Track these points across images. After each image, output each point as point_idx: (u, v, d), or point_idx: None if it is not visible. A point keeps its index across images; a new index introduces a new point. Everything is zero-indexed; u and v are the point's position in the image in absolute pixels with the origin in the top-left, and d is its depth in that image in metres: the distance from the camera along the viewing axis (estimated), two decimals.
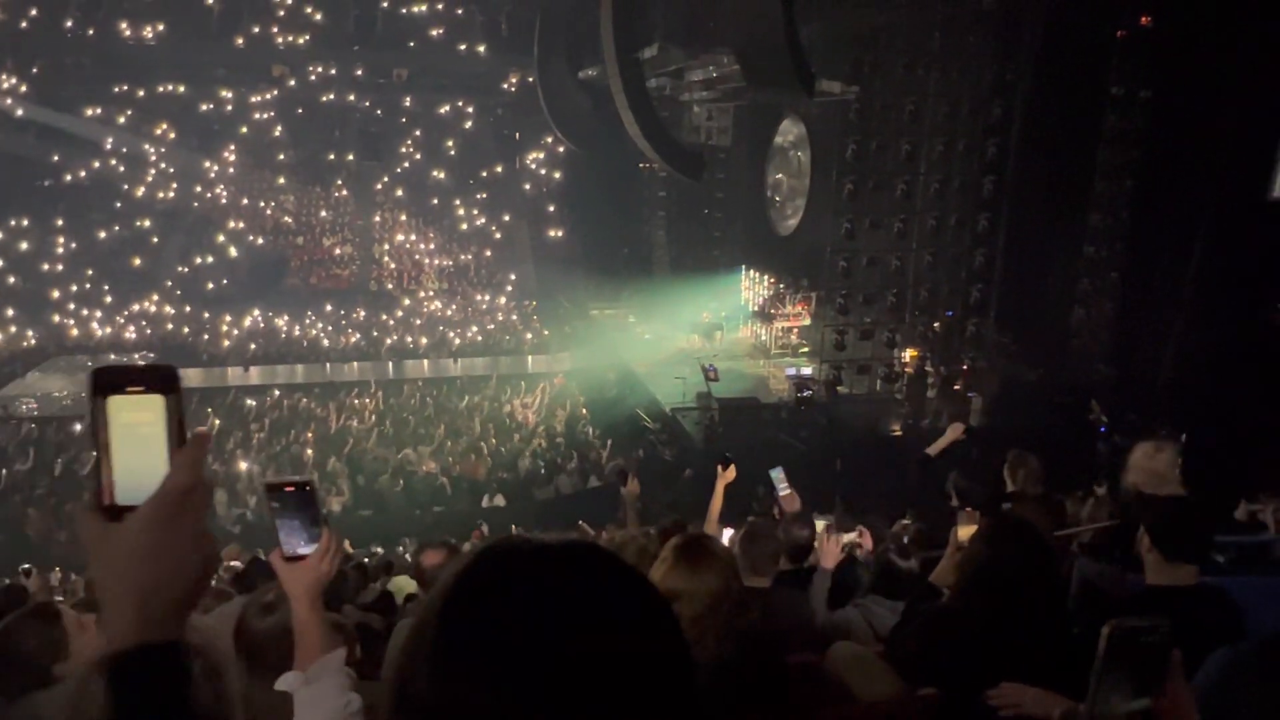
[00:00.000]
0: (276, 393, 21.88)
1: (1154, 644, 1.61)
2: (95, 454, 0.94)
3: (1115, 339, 15.55)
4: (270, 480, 1.82)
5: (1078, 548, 5.62)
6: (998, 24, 16.64)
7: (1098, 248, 15.83)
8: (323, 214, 33.29)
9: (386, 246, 32.77)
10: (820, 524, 4.67)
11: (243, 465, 16.39)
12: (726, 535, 5.14)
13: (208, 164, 32.40)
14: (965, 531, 3.65)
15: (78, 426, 19.55)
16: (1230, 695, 1.84)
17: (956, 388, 18.45)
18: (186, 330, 26.70)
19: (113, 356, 25.12)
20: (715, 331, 24.96)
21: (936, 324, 19.17)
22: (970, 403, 17.80)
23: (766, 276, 25.38)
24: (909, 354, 19.72)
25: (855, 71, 18.75)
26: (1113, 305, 15.63)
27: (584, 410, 20.74)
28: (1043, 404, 15.79)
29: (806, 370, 20.35)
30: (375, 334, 26.46)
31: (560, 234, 33.01)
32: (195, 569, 0.92)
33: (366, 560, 9.05)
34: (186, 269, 29.95)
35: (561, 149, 31.35)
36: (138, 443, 0.94)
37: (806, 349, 22.52)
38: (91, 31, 29.76)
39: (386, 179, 34.03)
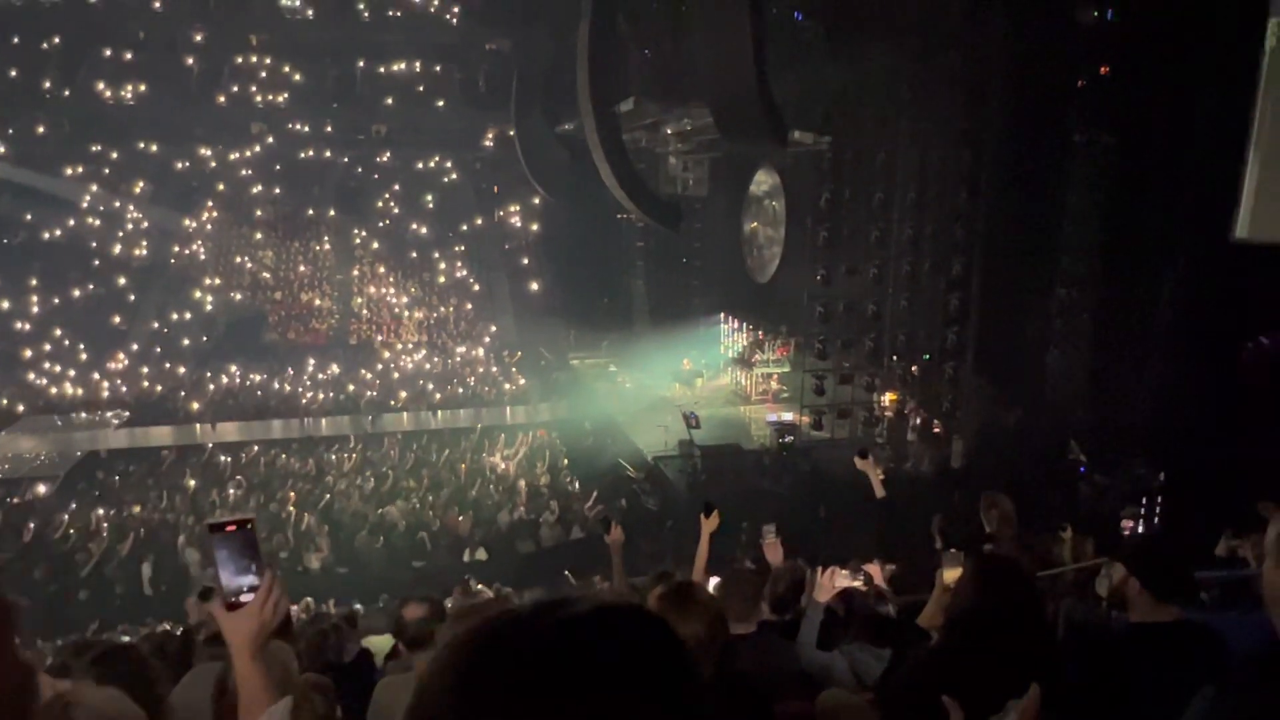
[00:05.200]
0: (254, 449, 21.61)
1: None
2: None
3: (1091, 379, 15.71)
4: (211, 520, 1.73)
5: (1063, 588, 5.62)
6: (963, 75, 17.10)
7: (1070, 290, 16.08)
8: (301, 269, 33.29)
9: (365, 300, 32.75)
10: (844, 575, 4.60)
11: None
12: (713, 584, 5.10)
13: (186, 221, 32.44)
14: (950, 574, 3.65)
15: (41, 488, 19.20)
16: None
17: (936, 430, 18.54)
18: (162, 388, 26.39)
19: (84, 414, 24.77)
20: (696, 379, 25.03)
21: (914, 368, 19.32)
22: (950, 445, 17.89)
23: (745, 324, 25.56)
24: (888, 398, 19.83)
25: (827, 122, 19.15)
26: (1087, 346, 15.82)
27: (565, 460, 20.63)
28: (1022, 445, 15.88)
29: (787, 416, 20.41)
30: (354, 388, 26.28)
31: (539, 285, 33.17)
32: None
33: (339, 625, 8.84)
34: (163, 326, 29.72)
35: (540, 201, 31.65)
36: None
37: (787, 395, 22.61)
38: (69, 92, 29.94)
39: (365, 233, 34.18)
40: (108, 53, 30.32)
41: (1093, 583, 5.77)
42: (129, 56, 30.51)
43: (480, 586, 12.09)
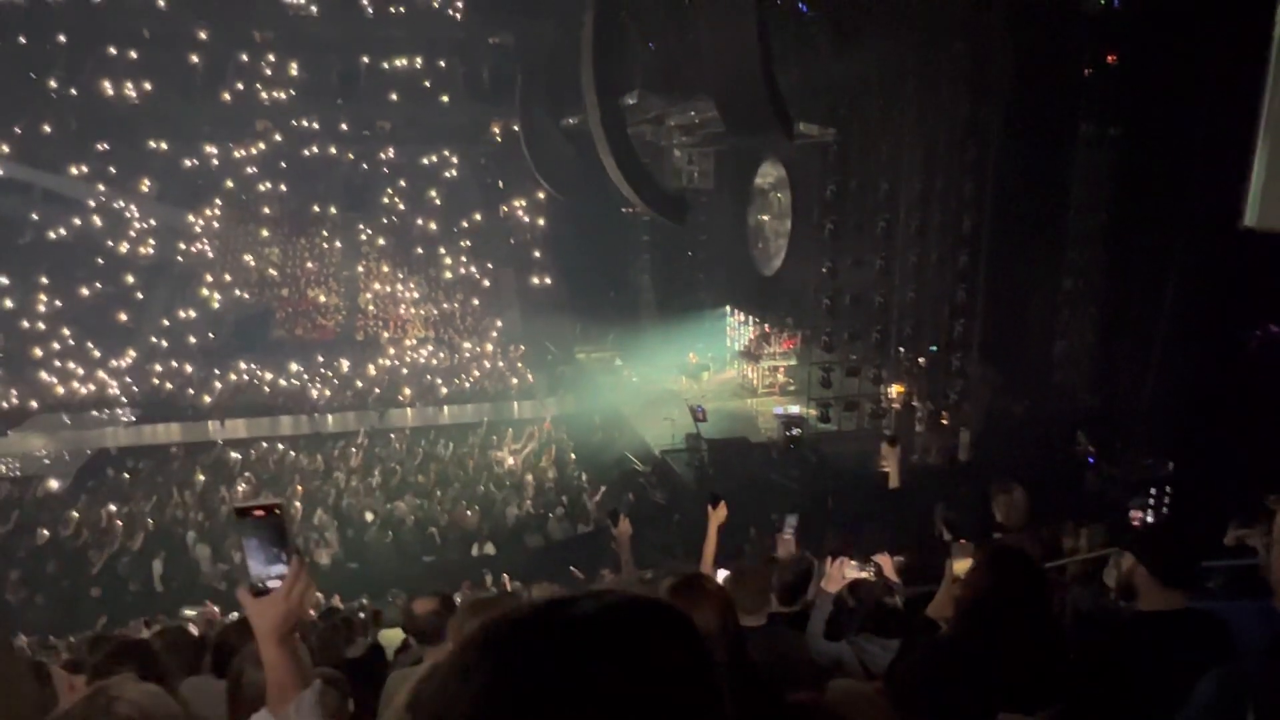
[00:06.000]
0: (264, 445, 21.70)
1: None
2: None
3: (1097, 369, 15.67)
4: (239, 505, 1.71)
5: (1069, 578, 5.63)
6: (968, 66, 17.02)
7: (1076, 280, 16.03)
8: (308, 265, 33.35)
9: (371, 296, 32.81)
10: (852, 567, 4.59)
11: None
12: (721, 576, 5.11)
13: (191, 219, 32.52)
14: (960, 564, 3.66)
15: (53, 485, 19.31)
16: (1224, 714, 1.86)
17: (944, 422, 18.52)
18: (171, 385, 26.50)
19: (95, 412, 24.90)
20: (702, 372, 25.03)
21: (921, 359, 19.29)
22: (958, 436, 17.87)
23: (751, 317, 25.55)
24: (895, 390, 19.80)
25: (832, 115, 19.08)
26: (1093, 336, 15.78)
27: (572, 455, 20.66)
28: (1029, 436, 15.85)
29: (794, 409, 20.40)
30: (361, 384, 26.35)
31: (545, 280, 33.17)
32: None
33: (361, 614, 8.93)
34: (171, 324, 29.84)
35: (545, 196, 31.63)
36: None
37: (794, 387, 22.60)
38: (75, 91, 30.04)
39: (371, 229, 34.22)
40: (113, 51, 30.39)
41: (1100, 573, 5.78)
42: (134, 55, 30.58)
43: (504, 578, 12.16)
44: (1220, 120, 11.89)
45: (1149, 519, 12.23)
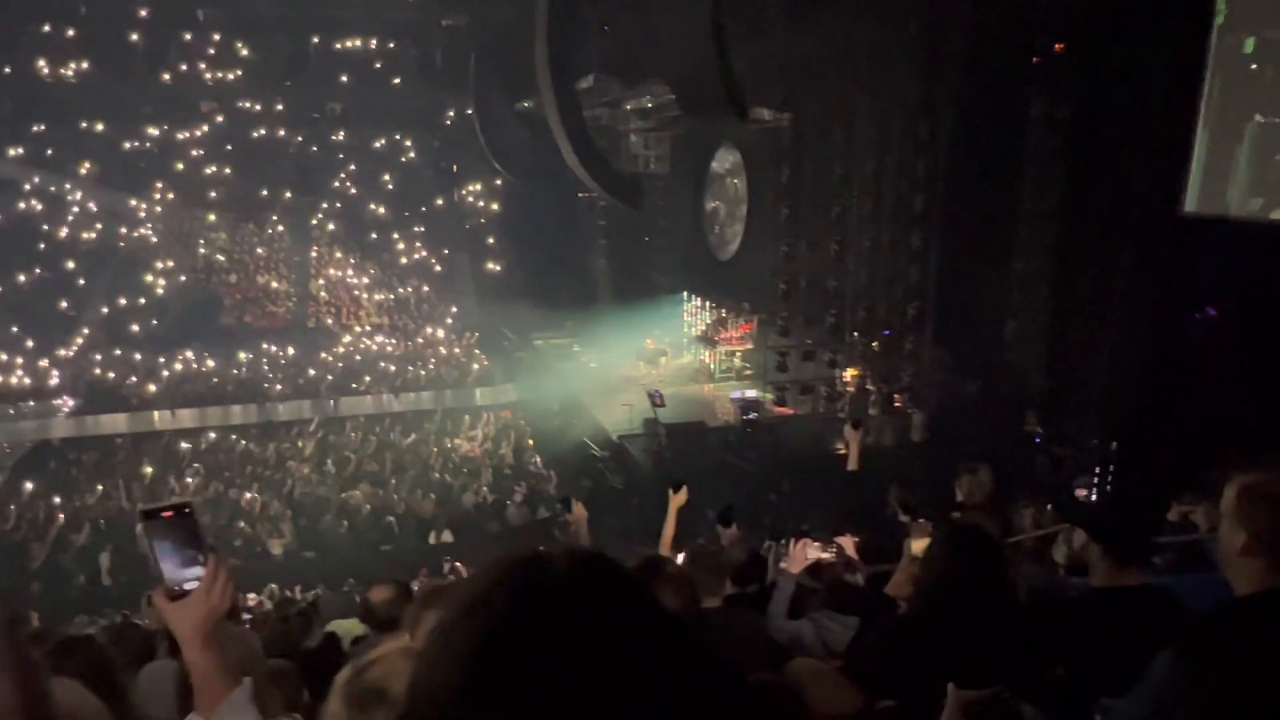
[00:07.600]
0: (212, 435, 21.24)
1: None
2: None
3: (1048, 350, 15.98)
4: (145, 506, 1.64)
5: (1022, 555, 5.74)
6: (921, 49, 17.17)
7: (1026, 262, 16.31)
8: (257, 251, 32.64)
9: (323, 282, 32.22)
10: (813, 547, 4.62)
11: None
12: (680, 559, 5.12)
13: (134, 202, 31.57)
14: (919, 543, 3.70)
15: None
16: (1179, 688, 1.89)
17: (898, 405, 18.77)
18: (114, 374, 25.77)
19: (33, 403, 24.13)
20: (660, 357, 25.07)
21: (875, 343, 19.50)
22: (911, 418, 18.14)
23: (708, 302, 25.63)
24: (850, 373, 20.00)
25: (787, 98, 19.15)
26: (1044, 317, 16.07)
27: (530, 441, 20.58)
28: (981, 417, 16.14)
29: (751, 393, 20.53)
30: (314, 371, 25.90)
31: (500, 265, 32.88)
32: None
33: (304, 610, 8.76)
34: (113, 311, 28.99)
35: (500, 181, 31.31)
36: None
37: (750, 372, 22.74)
38: (9, 70, 28.91)
39: (322, 214, 33.57)
40: (48, 29, 29.26)
41: (1049, 549, 5.91)
42: (71, 33, 29.47)
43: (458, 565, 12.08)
44: (1164, 109, 12.17)
45: (1093, 497, 12.57)
